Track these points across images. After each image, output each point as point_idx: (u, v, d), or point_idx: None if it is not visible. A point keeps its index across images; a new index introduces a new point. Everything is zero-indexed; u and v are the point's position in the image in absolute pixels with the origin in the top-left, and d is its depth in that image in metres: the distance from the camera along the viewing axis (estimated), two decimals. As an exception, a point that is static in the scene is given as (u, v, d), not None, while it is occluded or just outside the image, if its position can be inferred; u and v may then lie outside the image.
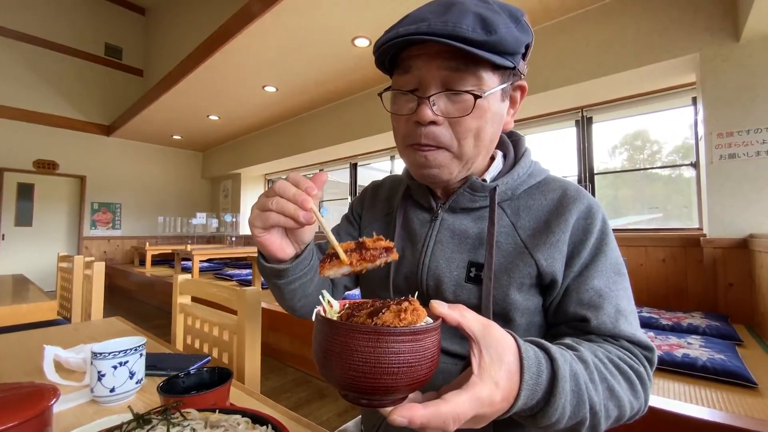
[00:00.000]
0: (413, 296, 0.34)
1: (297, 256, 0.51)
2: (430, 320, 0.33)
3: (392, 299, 0.33)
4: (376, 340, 0.28)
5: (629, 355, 0.45)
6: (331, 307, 0.35)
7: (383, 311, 0.31)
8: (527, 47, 0.51)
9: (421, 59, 0.47)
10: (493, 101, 0.49)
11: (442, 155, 0.50)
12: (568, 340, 0.44)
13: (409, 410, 0.29)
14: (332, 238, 0.40)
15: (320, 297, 0.36)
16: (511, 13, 0.47)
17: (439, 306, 0.34)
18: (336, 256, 0.39)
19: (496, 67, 0.48)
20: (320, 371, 0.32)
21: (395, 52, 0.50)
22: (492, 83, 0.48)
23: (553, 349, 0.37)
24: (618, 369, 0.43)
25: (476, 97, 0.46)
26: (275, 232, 0.47)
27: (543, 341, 0.38)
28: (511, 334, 0.36)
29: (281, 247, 0.49)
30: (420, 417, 0.29)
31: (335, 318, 0.33)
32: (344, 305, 0.35)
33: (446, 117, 0.48)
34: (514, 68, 0.49)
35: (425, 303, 0.34)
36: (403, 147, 0.53)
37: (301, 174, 0.45)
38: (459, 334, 0.47)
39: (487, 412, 0.32)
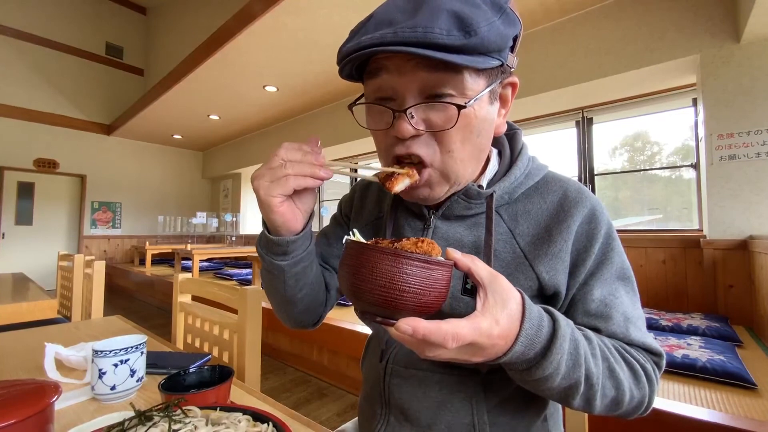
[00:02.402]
0: None
1: (304, 228, 0.51)
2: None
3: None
4: (394, 260, 0.33)
5: (638, 351, 0.45)
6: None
7: (404, 240, 0.37)
8: (515, 38, 0.45)
9: (392, 63, 0.42)
10: (479, 107, 0.44)
11: (429, 174, 0.46)
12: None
13: (414, 321, 0.32)
14: (369, 172, 0.46)
15: (350, 233, 0.40)
16: (494, 1, 0.41)
17: (453, 252, 0.37)
18: (391, 175, 0.45)
19: (480, 68, 0.42)
20: (344, 289, 0.37)
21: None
22: (477, 87, 0.42)
23: (558, 313, 0.39)
24: (623, 358, 0.43)
25: (460, 107, 0.41)
26: (288, 202, 0.46)
27: (550, 307, 0.40)
28: (519, 291, 0.38)
29: (295, 216, 0.48)
30: (423, 328, 0.32)
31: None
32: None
33: (427, 129, 0.44)
34: (502, 65, 0.43)
35: None
36: (386, 165, 0.49)
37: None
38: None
39: (485, 342, 0.34)
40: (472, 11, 0.38)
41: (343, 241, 0.39)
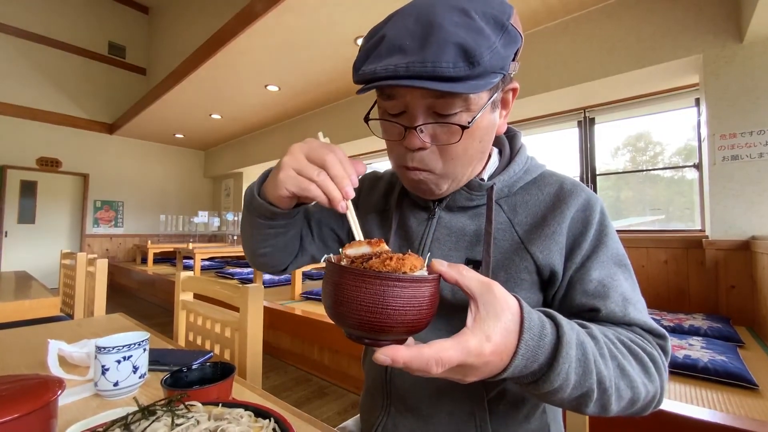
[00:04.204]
0: None
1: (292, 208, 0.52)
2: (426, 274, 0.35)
3: (395, 252, 0.36)
4: (362, 281, 0.32)
5: (642, 339, 0.44)
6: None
7: (374, 258, 0.35)
8: (516, 50, 0.47)
9: (405, 89, 0.45)
10: (482, 118, 0.47)
11: (432, 177, 0.50)
12: (576, 320, 0.42)
13: (392, 350, 0.31)
14: (360, 235, 0.43)
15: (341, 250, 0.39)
16: (496, 20, 0.43)
17: (438, 264, 0.35)
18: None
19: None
20: (327, 311, 0.36)
21: None
22: (481, 100, 0.45)
23: (561, 317, 0.37)
24: (629, 350, 0.41)
25: (463, 128, 0.44)
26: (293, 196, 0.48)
27: (552, 311, 0.38)
28: (516, 297, 0.36)
29: (290, 203, 0.50)
30: (402, 356, 0.31)
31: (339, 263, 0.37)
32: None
33: (434, 142, 0.47)
34: (504, 76, 0.46)
35: None
36: (395, 166, 0.54)
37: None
38: (440, 326, 0.48)
39: (475, 362, 0.32)
40: (476, 40, 0.40)
41: (322, 260, 0.38)
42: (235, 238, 5.68)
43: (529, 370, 0.35)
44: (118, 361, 0.60)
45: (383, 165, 5.17)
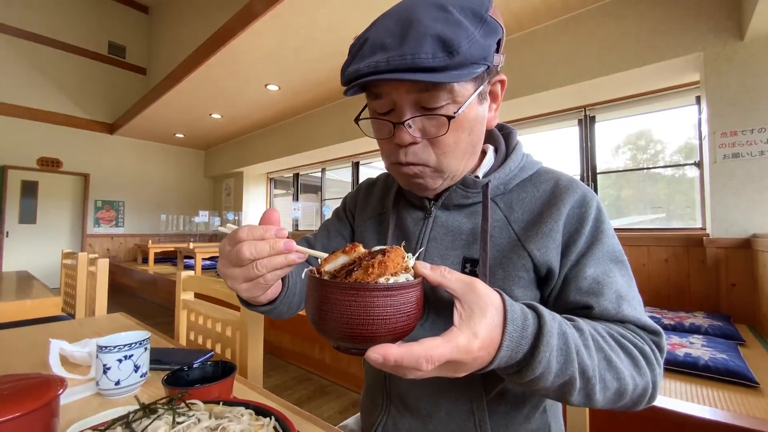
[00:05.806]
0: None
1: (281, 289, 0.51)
2: (411, 278, 0.36)
3: (373, 253, 0.36)
4: (352, 295, 0.32)
5: (633, 334, 0.44)
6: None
7: (356, 269, 0.34)
8: (499, 41, 0.47)
9: (389, 84, 0.46)
10: (469, 110, 0.47)
11: (425, 171, 0.50)
12: (565, 315, 0.43)
13: (384, 348, 0.32)
14: (323, 255, 0.41)
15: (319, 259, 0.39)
16: (474, 12, 0.43)
17: (421, 267, 0.37)
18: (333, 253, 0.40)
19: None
20: (312, 324, 0.36)
21: None
22: (466, 92, 0.46)
23: (543, 308, 0.38)
24: (618, 344, 0.42)
25: (449, 118, 0.45)
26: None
27: (536, 303, 0.39)
28: (498, 292, 0.37)
29: (272, 292, 0.47)
30: (393, 354, 0.31)
31: (324, 277, 0.37)
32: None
33: (424, 136, 0.48)
34: (488, 67, 0.46)
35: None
36: (388, 165, 0.54)
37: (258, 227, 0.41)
38: (441, 326, 0.49)
39: (465, 358, 0.33)
40: (453, 31, 0.41)
41: (302, 275, 0.37)
42: (236, 237, 5.68)
43: (514, 360, 0.36)
44: (120, 360, 0.60)
45: (383, 164, 5.16)
